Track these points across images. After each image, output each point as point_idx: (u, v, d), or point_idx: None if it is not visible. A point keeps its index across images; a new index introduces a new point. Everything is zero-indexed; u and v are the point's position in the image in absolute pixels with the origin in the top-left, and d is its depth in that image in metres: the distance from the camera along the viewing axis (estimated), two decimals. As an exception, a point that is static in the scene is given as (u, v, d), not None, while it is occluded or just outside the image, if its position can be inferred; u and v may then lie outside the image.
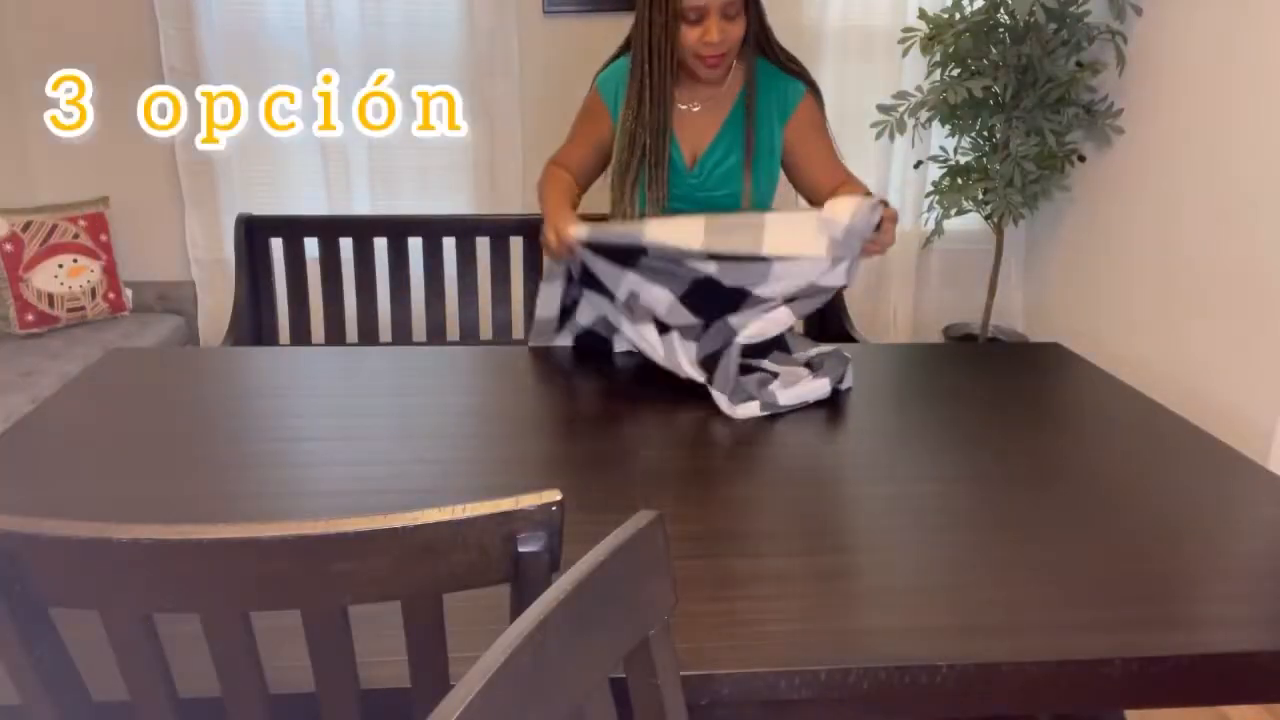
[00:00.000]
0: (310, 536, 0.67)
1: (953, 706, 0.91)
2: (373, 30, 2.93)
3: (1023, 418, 1.49)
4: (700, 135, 1.71)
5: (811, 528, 1.15)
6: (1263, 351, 2.24)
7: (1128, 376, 2.76)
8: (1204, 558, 1.08)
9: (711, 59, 1.60)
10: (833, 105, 3.06)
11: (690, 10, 1.56)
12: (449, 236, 2.55)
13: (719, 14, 1.56)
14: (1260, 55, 2.24)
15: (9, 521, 0.67)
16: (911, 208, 3.20)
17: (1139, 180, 2.71)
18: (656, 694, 0.73)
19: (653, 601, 0.73)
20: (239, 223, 2.57)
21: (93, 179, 3.04)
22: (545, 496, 0.72)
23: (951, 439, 1.41)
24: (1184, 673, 0.93)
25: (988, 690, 0.91)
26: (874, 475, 1.30)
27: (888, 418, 1.47)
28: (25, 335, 2.80)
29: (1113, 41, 2.69)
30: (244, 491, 1.21)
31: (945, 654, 0.92)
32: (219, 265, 3.09)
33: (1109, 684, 0.92)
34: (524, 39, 3.00)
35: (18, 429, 1.38)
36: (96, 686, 0.82)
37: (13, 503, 1.17)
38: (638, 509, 0.75)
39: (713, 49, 1.58)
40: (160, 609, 0.70)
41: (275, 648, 0.86)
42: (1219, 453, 1.36)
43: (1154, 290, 2.65)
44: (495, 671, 0.55)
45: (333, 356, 1.70)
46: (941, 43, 2.68)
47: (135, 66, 2.95)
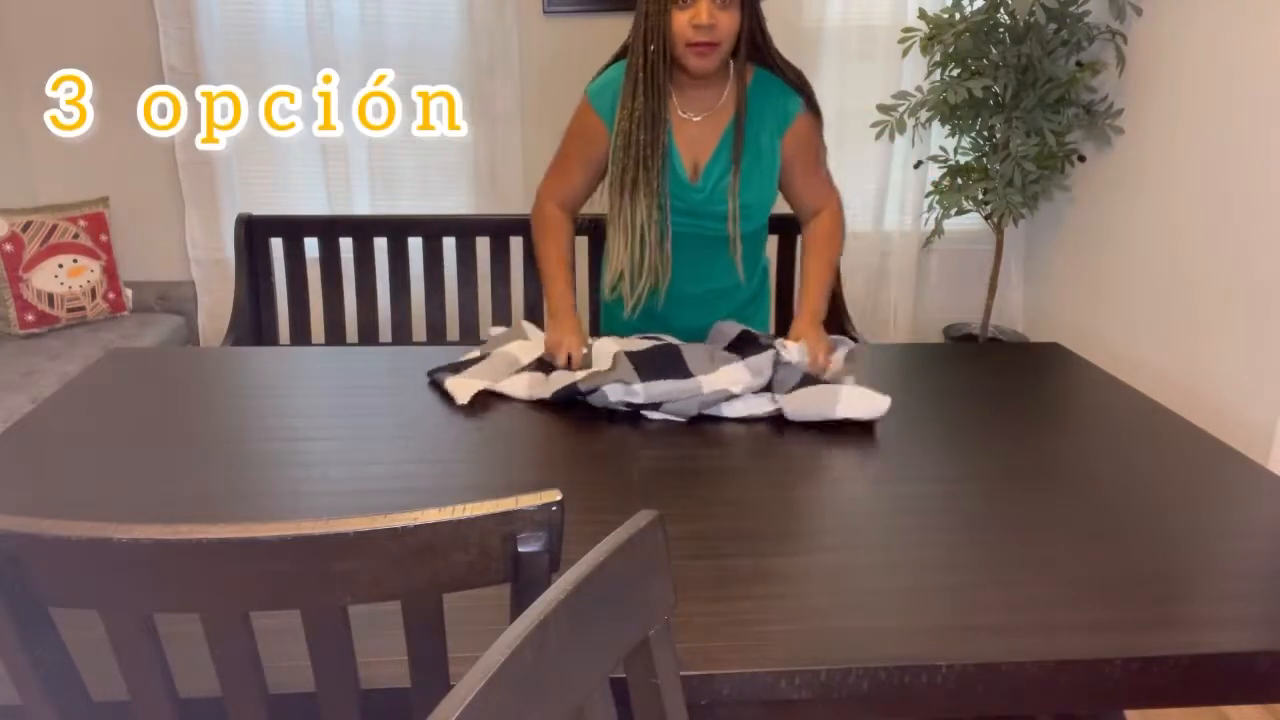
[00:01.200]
0: (310, 536, 0.67)
1: (953, 706, 0.91)
2: (373, 30, 2.93)
3: (1023, 418, 1.49)
4: (702, 146, 1.68)
5: (811, 527, 1.15)
6: (1263, 351, 2.24)
7: (1128, 376, 2.77)
8: (1204, 558, 1.08)
9: (701, 46, 1.55)
10: (833, 105, 3.10)
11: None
12: (449, 236, 2.55)
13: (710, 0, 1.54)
14: (1260, 55, 2.24)
15: (9, 521, 0.67)
16: (911, 208, 3.20)
17: (1139, 180, 2.71)
18: (656, 694, 0.73)
19: (653, 601, 0.73)
20: (239, 223, 2.57)
21: (93, 179, 3.05)
22: (545, 496, 0.72)
23: (951, 439, 1.41)
24: (1184, 673, 0.93)
25: (988, 690, 0.91)
26: (874, 475, 1.30)
27: (887, 418, 1.47)
28: (25, 335, 2.80)
29: (1113, 41, 2.69)
30: (244, 491, 1.21)
31: (945, 654, 0.92)
32: (219, 265, 3.09)
33: (1109, 684, 0.92)
34: (524, 39, 3.00)
35: (18, 429, 1.38)
36: (96, 686, 0.82)
37: (13, 503, 1.17)
38: (638, 509, 0.75)
39: (703, 34, 1.54)
40: (160, 609, 0.70)
41: (275, 648, 0.86)
42: (1219, 453, 1.36)
43: (1154, 290, 2.65)
44: (495, 671, 0.55)
45: (333, 356, 1.70)
46: (941, 43, 2.68)
47: (135, 66, 2.95)
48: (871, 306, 3.32)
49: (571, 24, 3.02)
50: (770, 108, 1.68)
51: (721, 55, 1.59)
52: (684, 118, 1.68)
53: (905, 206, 3.21)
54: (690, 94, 1.67)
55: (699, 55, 1.57)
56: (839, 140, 3.15)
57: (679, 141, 1.68)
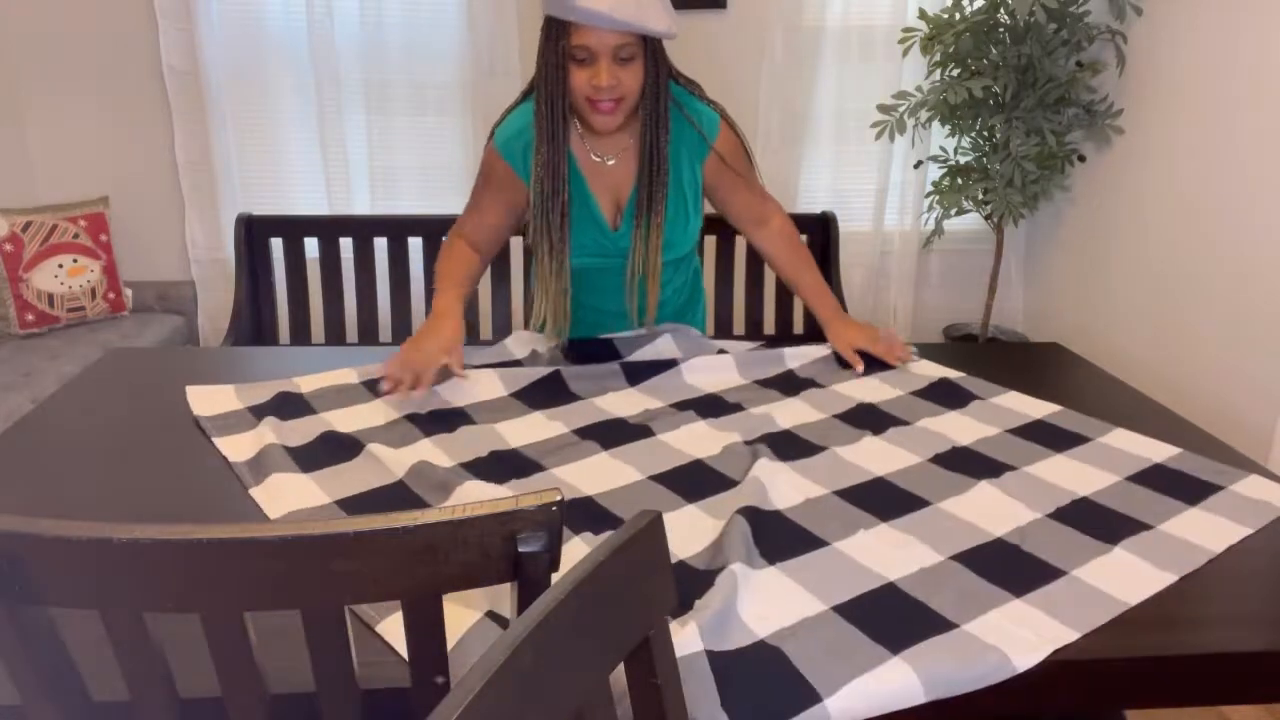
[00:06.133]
0: (310, 536, 0.67)
1: (953, 706, 0.91)
2: (373, 30, 2.92)
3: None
4: (619, 188, 1.62)
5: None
6: (1263, 352, 2.24)
7: (1128, 376, 2.77)
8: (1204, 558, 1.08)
9: (603, 105, 1.47)
10: (832, 105, 3.10)
11: (578, 49, 1.44)
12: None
13: (610, 57, 1.44)
14: (1260, 55, 2.24)
15: (9, 521, 0.67)
16: (912, 208, 3.20)
17: (1139, 180, 2.71)
18: (656, 694, 0.73)
19: (653, 601, 0.73)
20: (239, 223, 2.57)
21: (93, 179, 3.04)
22: (545, 496, 0.72)
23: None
24: (1184, 673, 0.93)
25: (987, 690, 0.90)
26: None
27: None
28: (25, 335, 2.80)
29: (1113, 41, 2.69)
30: (244, 491, 1.21)
31: (945, 654, 0.91)
32: (219, 265, 3.09)
33: (1109, 684, 0.92)
34: (524, 39, 3.00)
35: (18, 429, 1.38)
36: (96, 686, 0.82)
37: (13, 503, 1.17)
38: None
39: (602, 94, 1.46)
40: (160, 609, 0.69)
41: (275, 648, 0.86)
42: (1219, 453, 1.36)
43: (1154, 290, 2.65)
44: (495, 671, 0.55)
45: (333, 356, 1.70)
46: (941, 43, 2.68)
47: (135, 66, 2.95)
48: (871, 306, 3.32)
49: (571, 24, 3.02)
50: (685, 136, 1.60)
51: (626, 110, 1.51)
52: (596, 161, 1.61)
53: (905, 206, 3.21)
54: (601, 138, 1.59)
55: (602, 114, 1.49)
56: (839, 140, 3.15)
57: (595, 188, 1.61)
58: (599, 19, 1.39)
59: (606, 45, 1.43)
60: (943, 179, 2.93)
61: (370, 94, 2.98)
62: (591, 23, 1.40)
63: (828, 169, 3.19)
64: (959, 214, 2.93)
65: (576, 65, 1.46)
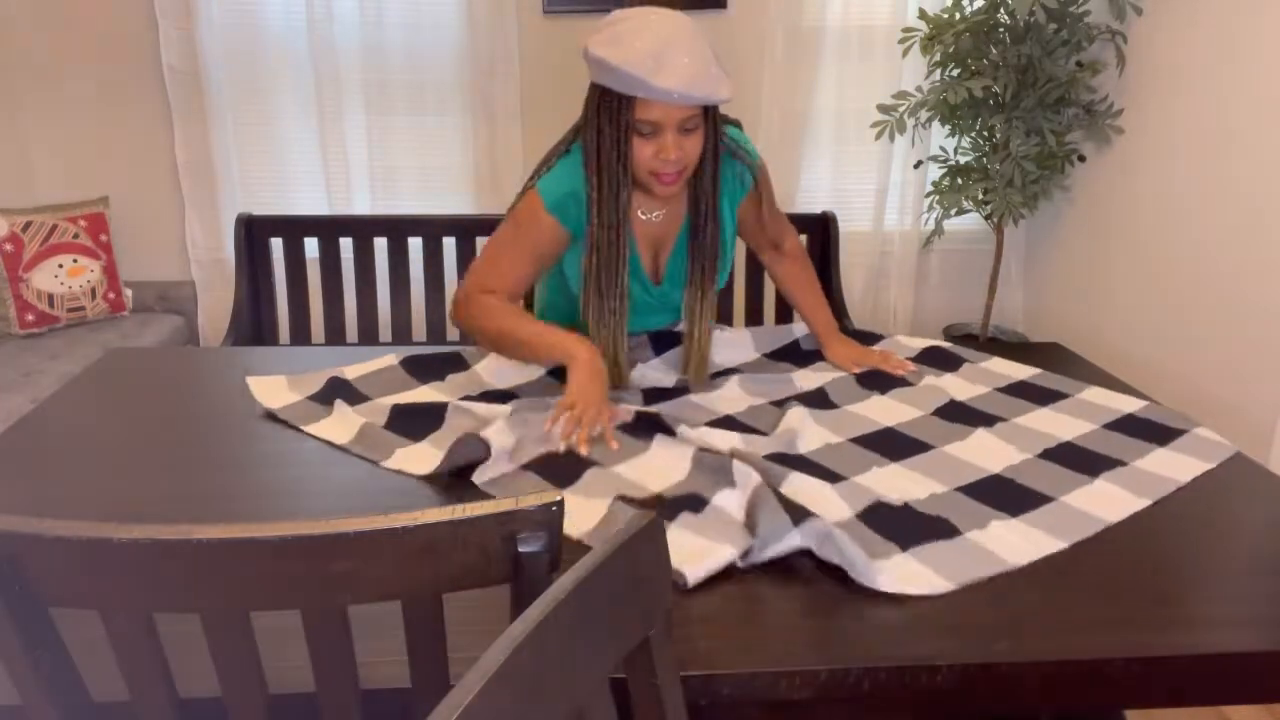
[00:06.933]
0: (310, 536, 0.67)
1: (953, 706, 0.91)
2: (373, 30, 2.93)
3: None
4: (661, 241, 1.61)
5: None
6: (1263, 351, 2.24)
7: (1128, 376, 2.77)
8: (1204, 557, 1.08)
9: (667, 177, 1.43)
10: (833, 105, 3.10)
11: (644, 124, 1.39)
12: (449, 236, 2.55)
13: (676, 129, 1.39)
14: (1260, 55, 2.24)
15: (9, 521, 0.67)
16: (912, 208, 3.20)
17: (1139, 180, 2.71)
18: (656, 694, 0.73)
19: (653, 601, 0.73)
20: (239, 223, 2.57)
21: (93, 179, 3.04)
22: (545, 496, 0.72)
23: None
24: (1184, 673, 0.93)
25: (988, 690, 0.91)
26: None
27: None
28: (25, 335, 2.80)
29: (1113, 41, 2.69)
30: (244, 491, 1.21)
31: (945, 654, 0.92)
32: (219, 265, 3.09)
33: (1109, 684, 0.92)
34: (524, 39, 3.00)
35: (18, 429, 1.38)
36: (96, 686, 0.82)
37: (13, 503, 1.17)
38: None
39: (670, 166, 1.41)
40: (160, 609, 0.70)
41: (275, 648, 0.86)
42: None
43: (1154, 290, 2.65)
44: (495, 671, 0.55)
45: (333, 356, 1.70)
46: (941, 43, 2.68)
47: (135, 66, 2.95)
48: (871, 307, 3.32)
49: (571, 24, 3.02)
50: (726, 181, 1.59)
51: (687, 176, 1.47)
52: (644, 219, 1.58)
53: (905, 206, 3.21)
54: (652, 197, 1.54)
55: (665, 184, 1.44)
56: (839, 140, 3.15)
57: (639, 244, 1.59)
58: (674, 97, 1.35)
59: (673, 119, 1.39)
60: (943, 179, 2.93)
61: (370, 94, 2.98)
62: (666, 100, 1.36)
63: (828, 169, 3.19)
64: (959, 214, 2.93)
65: (640, 138, 1.41)
